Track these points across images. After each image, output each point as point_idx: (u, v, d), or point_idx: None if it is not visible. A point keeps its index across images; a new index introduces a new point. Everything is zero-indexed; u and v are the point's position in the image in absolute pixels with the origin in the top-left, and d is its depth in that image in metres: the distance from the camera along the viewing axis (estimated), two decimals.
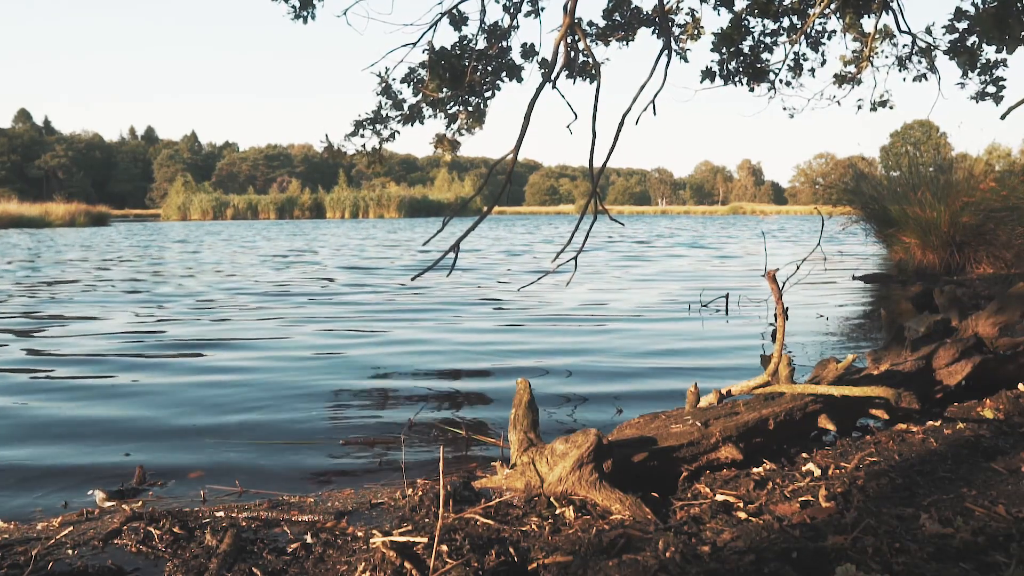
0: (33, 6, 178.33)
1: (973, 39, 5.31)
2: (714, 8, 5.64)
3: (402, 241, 22.57)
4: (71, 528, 2.09)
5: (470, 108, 4.76)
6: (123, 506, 2.34)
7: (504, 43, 4.88)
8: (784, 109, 6.39)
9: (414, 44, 4.70)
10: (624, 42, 5.34)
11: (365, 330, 6.10)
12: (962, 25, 5.32)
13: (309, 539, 1.98)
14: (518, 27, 5.00)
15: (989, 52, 5.43)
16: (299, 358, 4.93)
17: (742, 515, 2.05)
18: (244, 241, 23.43)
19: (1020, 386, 3.30)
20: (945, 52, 5.56)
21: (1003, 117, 4.04)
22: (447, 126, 4.79)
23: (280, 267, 12.98)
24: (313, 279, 10.67)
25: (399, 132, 4.94)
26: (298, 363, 4.76)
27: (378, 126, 4.89)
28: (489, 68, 4.80)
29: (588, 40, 5.20)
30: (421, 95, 4.74)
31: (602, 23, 5.34)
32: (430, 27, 4.74)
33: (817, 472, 2.38)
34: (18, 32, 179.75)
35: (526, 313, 6.97)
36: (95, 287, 9.64)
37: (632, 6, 5.29)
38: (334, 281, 10.29)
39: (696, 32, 5.47)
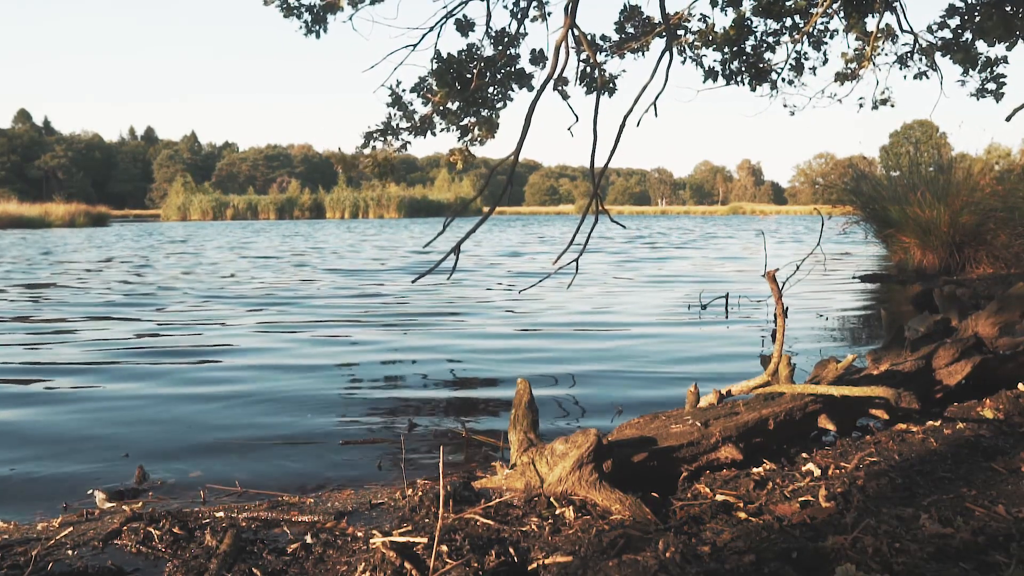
0: (33, 6, 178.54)
1: (967, 36, 5.30)
2: (721, 9, 5.65)
3: (389, 244, 22.56)
4: (71, 528, 2.09)
5: (481, 119, 4.75)
6: (123, 507, 2.34)
7: (512, 50, 4.85)
8: (785, 106, 6.41)
9: (414, 46, 4.69)
10: (640, 53, 5.33)
11: (364, 333, 6.10)
12: (954, 22, 5.30)
13: (309, 539, 1.98)
14: (527, 34, 4.99)
15: (985, 49, 5.42)
16: (298, 360, 4.93)
17: (742, 515, 2.05)
18: (242, 242, 23.42)
19: (1020, 386, 3.29)
20: (938, 49, 5.55)
21: (1008, 119, 4.05)
22: (459, 138, 4.77)
23: (276, 270, 12.97)
24: (307, 282, 10.67)
25: (410, 143, 4.93)
26: (297, 365, 4.76)
27: (388, 136, 4.87)
28: (498, 76, 4.77)
29: (598, 53, 5.19)
30: (431, 104, 4.72)
31: (615, 36, 5.33)
32: (431, 29, 4.74)
33: (817, 472, 2.38)
34: (18, 32, 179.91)
35: (526, 315, 6.97)
36: (89, 290, 9.64)
37: (643, 16, 5.29)
38: (329, 284, 10.29)
39: (711, 37, 5.48)
